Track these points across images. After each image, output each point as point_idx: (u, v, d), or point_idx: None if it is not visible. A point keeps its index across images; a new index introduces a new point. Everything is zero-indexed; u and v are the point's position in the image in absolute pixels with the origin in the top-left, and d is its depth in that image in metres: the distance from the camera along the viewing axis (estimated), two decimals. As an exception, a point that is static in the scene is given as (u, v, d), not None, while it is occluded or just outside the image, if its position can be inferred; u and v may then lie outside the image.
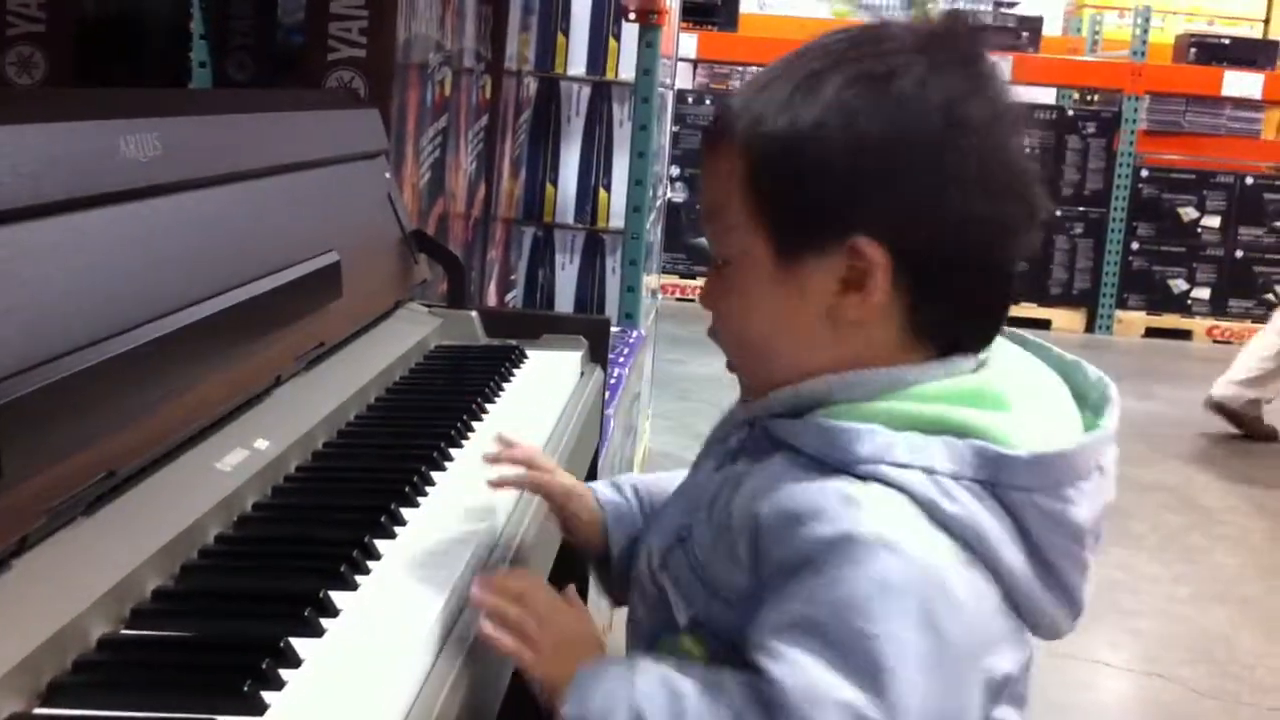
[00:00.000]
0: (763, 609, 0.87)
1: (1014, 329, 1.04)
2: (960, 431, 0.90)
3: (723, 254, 0.97)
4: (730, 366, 1.01)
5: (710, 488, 0.98)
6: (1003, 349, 1.00)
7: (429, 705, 0.86)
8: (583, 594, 1.10)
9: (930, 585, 0.84)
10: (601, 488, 1.16)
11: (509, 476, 1.16)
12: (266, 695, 0.80)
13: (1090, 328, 6.99)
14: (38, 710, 0.77)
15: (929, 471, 0.88)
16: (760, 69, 0.99)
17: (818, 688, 0.82)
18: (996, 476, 0.89)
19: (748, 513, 0.91)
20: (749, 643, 0.87)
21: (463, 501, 1.18)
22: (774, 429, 0.96)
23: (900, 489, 0.88)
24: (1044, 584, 0.92)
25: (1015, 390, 0.94)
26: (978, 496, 0.88)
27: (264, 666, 0.81)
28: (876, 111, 0.90)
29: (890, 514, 0.87)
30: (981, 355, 0.97)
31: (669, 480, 1.12)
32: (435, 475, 1.23)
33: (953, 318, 0.95)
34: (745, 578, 0.91)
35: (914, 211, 0.91)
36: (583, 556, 1.18)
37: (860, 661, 0.82)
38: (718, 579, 0.93)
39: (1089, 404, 1.02)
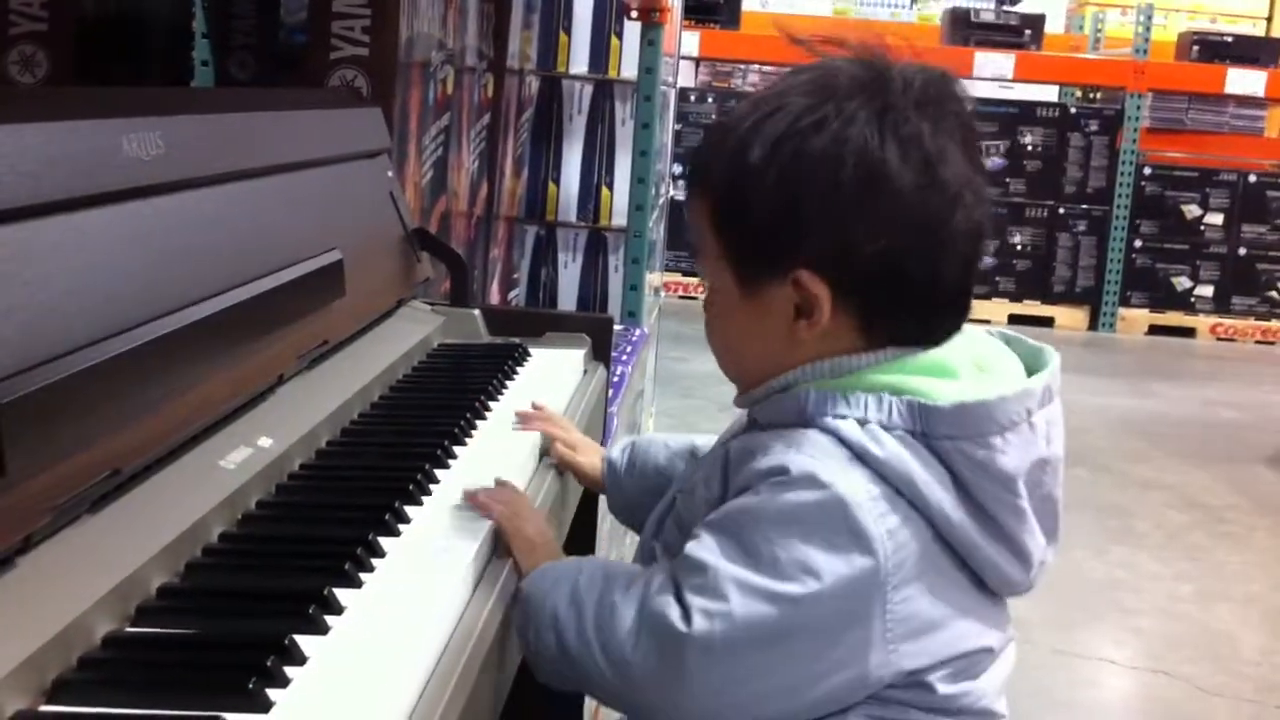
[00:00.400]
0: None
1: (984, 326, 1.15)
2: (897, 392, 1.02)
3: (705, 278, 1.11)
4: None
5: (705, 462, 1.15)
6: (969, 335, 1.09)
7: (434, 702, 0.86)
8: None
9: (839, 510, 0.97)
10: (613, 451, 1.38)
11: (533, 425, 1.40)
12: (271, 693, 0.80)
13: (1093, 325, 6.98)
14: (43, 708, 0.77)
15: (862, 422, 1.01)
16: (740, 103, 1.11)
17: (719, 566, 0.98)
18: (925, 427, 1.01)
19: (720, 456, 1.08)
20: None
21: (466, 499, 1.18)
22: (753, 413, 1.11)
23: (834, 434, 1.01)
24: (983, 530, 1.02)
25: (965, 364, 1.05)
26: (907, 446, 1.00)
27: (269, 664, 0.81)
28: (808, 159, 1.02)
29: (818, 452, 1.00)
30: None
31: (679, 440, 1.34)
32: (439, 473, 1.23)
33: (908, 322, 1.05)
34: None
35: (846, 247, 1.02)
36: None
37: (762, 558, 0.97)
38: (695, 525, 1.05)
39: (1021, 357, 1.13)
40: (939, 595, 1.00)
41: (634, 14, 3.35)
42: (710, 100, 7.27)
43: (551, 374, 1.67)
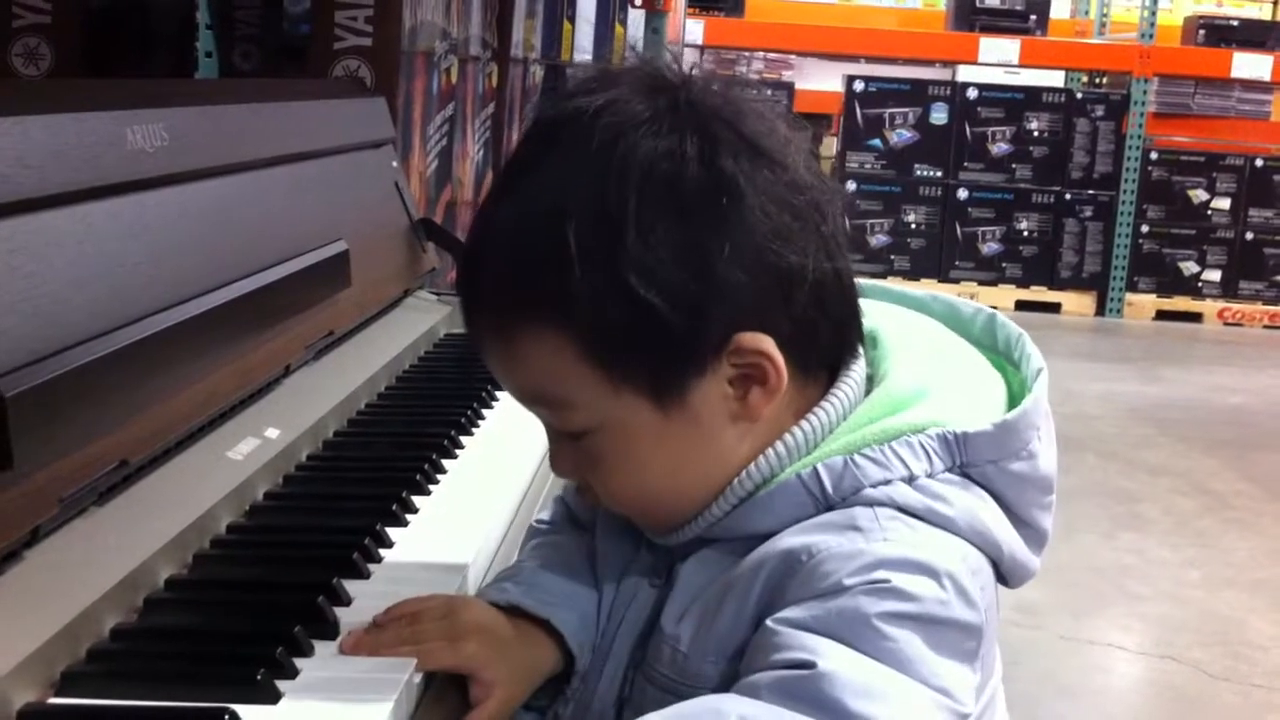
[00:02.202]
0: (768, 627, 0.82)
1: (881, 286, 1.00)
2: (918, 429, 0.86)
3: (573, 429, 0.87)
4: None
5: (647, 600, 0.92)
6: (884, 331, 0.95)
7: (441, 693, 0.86)
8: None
9: (957, 595, 0.81)
10: (537, 601, 0.93)
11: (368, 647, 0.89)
12: (280, 684, 0.80)
13: (1100, 311, 6.97)
14: (51, 700, 0.77)
15: (909, 480, 0.85)
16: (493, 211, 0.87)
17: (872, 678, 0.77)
18: (965, 457, 0.86)
19: (735, 586, 0.85)
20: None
21: (473, 489, 1.18)
22: (726, 531, 0.88)
23: (889, 505, 0.84)
24: (1025, 541, 0.90)
25: (920, 373, 0.91)
26: (962, 486, 0.86)
27: (277, 655, 0.81)
28: (694, 207, 0.83)
29: (893, 534, 0.82)
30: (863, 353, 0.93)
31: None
32: (446, 463, 1.23)
33: (826, 344, 0.89)
34: (725, 661, 0.85)
35: (771, 280, 0.84)
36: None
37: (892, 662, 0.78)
38: (689, 670, 0.86)
39: (986, 343, 0.98)
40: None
41: (638, 2, 3.35)
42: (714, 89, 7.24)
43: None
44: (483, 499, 1.15)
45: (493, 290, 0.86)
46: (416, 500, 1.13)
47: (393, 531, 1.05)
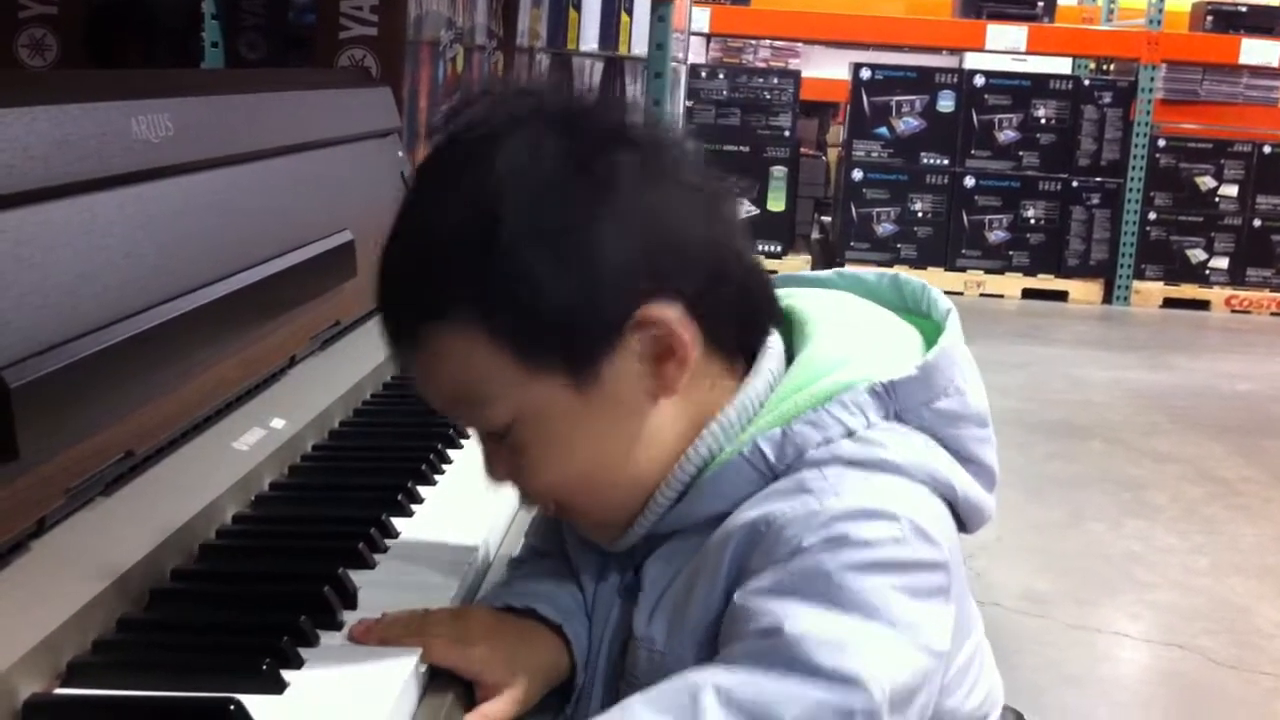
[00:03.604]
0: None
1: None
2: (846, 388, 0.88)
3: (497, 425, 0.88)
4: (555, 513, 0.93)
5: (619, 613, 0.92)
6: (797, 308, 0.96)
7: (445, 683, 0.86)
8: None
9: (915, 535, 0.83)
10: (537, 597, 0.94)
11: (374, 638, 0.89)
12: (286, 674, 0.80)
13: (1108, 299, 6.95)
14: (58, 690, 0.78)
15: (849, 434, 0.86)
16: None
17: (837, 633, 0.79)
18: (899, 404, 0.88)
19: (706, 559, 0.86)
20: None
21: (478, 479, 1.18)
22: (678, 521, 0.89)
23: (837, 462, 0.85)
24: (976, 479, 0.92)
25: (839, 338, 0.92)
26: (902, 433, 0.88)
27: (282, 645, 0.81)
28: (576, 181, 0.85)
29: (845, 486, 0.84)
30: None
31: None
32: (451, 453, 1.23)
33: (740, 319, 0.91)
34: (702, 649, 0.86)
35: (669, 246, 0.86)
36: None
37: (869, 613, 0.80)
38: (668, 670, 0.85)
39: (895, 303, 1.00)
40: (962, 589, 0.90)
41: (644, -10, 3.34)
42: (721, 76, 7.25)
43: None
44: (487, 490, 1.15)
45: (402, 299, 0.88)
46: (422, 490, 1.13)
47: (398, 522, 1.05)
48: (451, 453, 1.23)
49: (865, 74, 6.95)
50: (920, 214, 6.95)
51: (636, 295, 0.85)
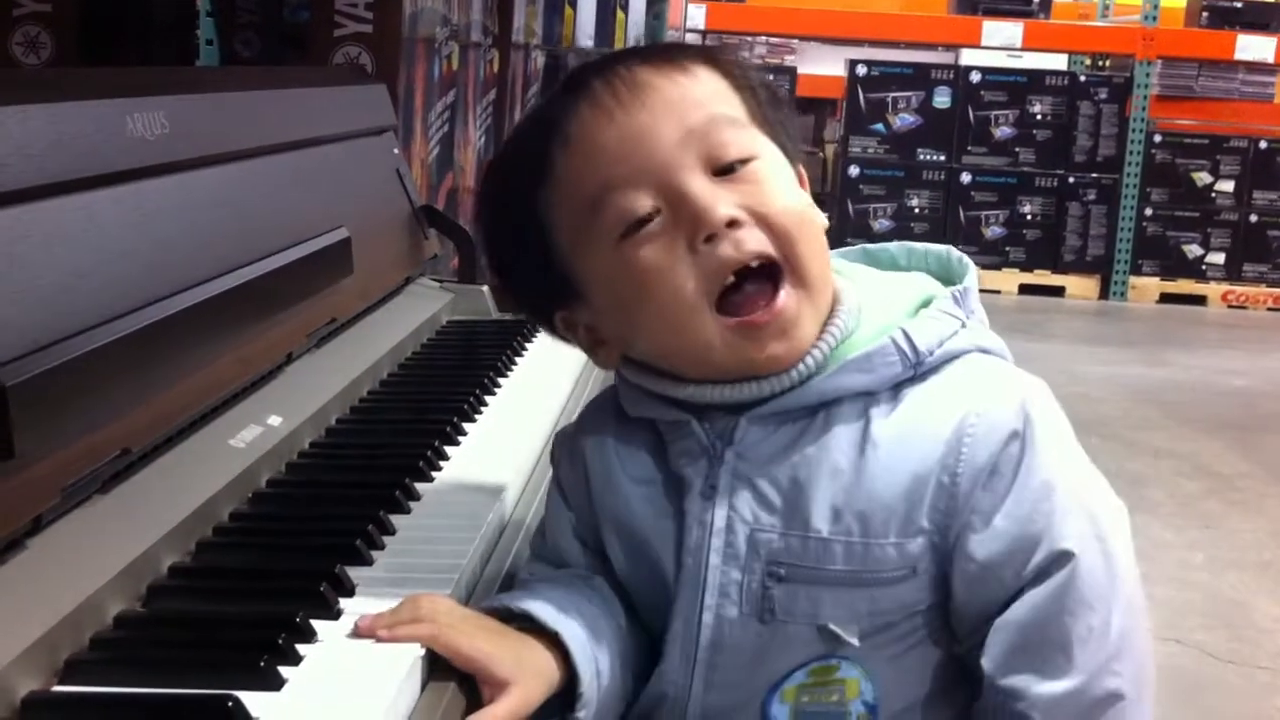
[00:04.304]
0: (980, 524, 0.91)
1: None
2: (928, 296, 0.99)
3: (738, 154, 0.93)
4: (768, 261, 0.92)
5: (743, 519, 0.94)
6: None
7: (444, 681, 0.86)
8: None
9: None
10: (543, 607, 0.92)
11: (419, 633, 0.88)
12: (283, 670, 0.80)
13: (1104, 294, 6.96)
14: (55, 688, 0.78)
15: (964, 326, 0.97)
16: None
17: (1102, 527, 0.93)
18: (968, 306, 0.99)
19: (899, 470, 0.92)
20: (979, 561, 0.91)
21: (476, 476, 1.18)
22: (821, 393, 0.93)
23: (980, 350, 0.97)
24: None
25: (880, 274, 1.05)
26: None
27: (280, 642, 0.81)
28: None
29: (1003, 366, 0.97)
30: None
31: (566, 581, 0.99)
32: (449, 450, 1.23)
33: None
34: (917, 537, 0.92)
35: None
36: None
37: (1098, 483, 0.96)
38: (873, 556, 0.92)
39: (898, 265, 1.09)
40: None
41: (639, -13, 3.34)
42: (717, 73, 7.23)
43: (560, 350, 1.67)
44: (485, 485, 1.15)
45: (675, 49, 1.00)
46: (419, 487, 1.13)
47: (395, 519, 1.05)
48: (449, 450, 1.23)
49: (861, 70, 6.95)
50: (917, 210, 6.95)
51: None
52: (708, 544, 0.94)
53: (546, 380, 1.52)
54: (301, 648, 0.83)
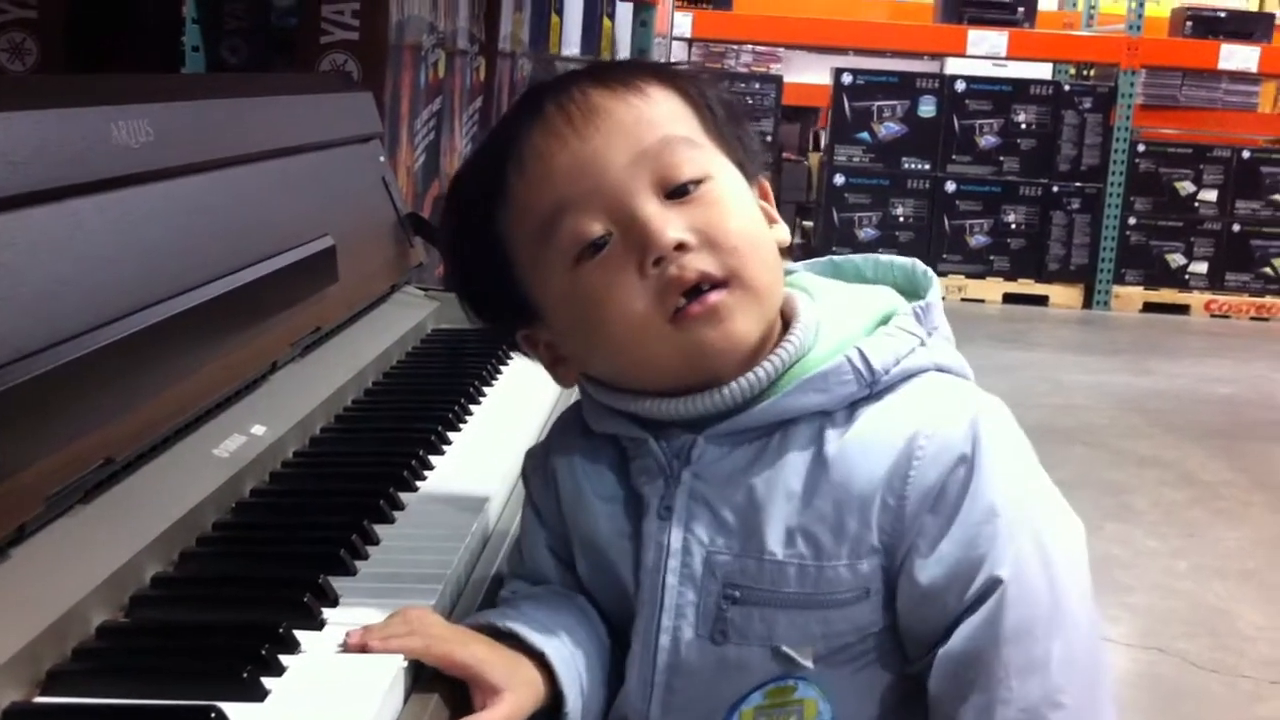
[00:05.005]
0: (925, 548, 0.90)
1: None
2: (889, 313, 0.98)
3: (691, 175, 0.93)
4: (716, 284, 0.91)
5: (699, 540, 0.94)
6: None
7: (428, 693, 0.86)
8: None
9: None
10: (530, 626, 0.92)
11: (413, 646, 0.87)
12: (267, 681, 0.80)
13: (1088, 303, 6.98)
14: (37, 699, 0.77)
15: (922, 344, 0.96)
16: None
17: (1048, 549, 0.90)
18: (930, 322, 0.98)
19: (848, 488, 0.91)
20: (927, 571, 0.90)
21: (460, 485, 1.18)
22: (772, 413, 0.93)
23: (937, 368, 0.96)
24: None
25: (843, 287, 1.04)
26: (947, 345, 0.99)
27: (264, 653, 0.81)
28: None
29: (957, 385, 0.96)
30: None
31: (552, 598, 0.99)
32: (433, 459, 1.23)
33: None
34: (869, 557, 0.91)
35: None
36: None
37: (1061, 510, 0.94)
38: (825, 578, 0.91)
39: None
40: None
41: (626, -5, 3.34)
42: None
43: (546, 358, 1.67)
44: (469, 495, 1.15)
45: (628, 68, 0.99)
46: (404, 496, 1.13)
47: (380, 528, 1.05)
48: (434, 459, 1.23)
49: (847, 79, 6.96)
50: (902, 218, 6.96)
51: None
52: (664, 565, 0.94)
53: (532, 389, 1.51)
54: (285, 658, 0.83)
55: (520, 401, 1.46)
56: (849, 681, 0.93)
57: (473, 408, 1.41)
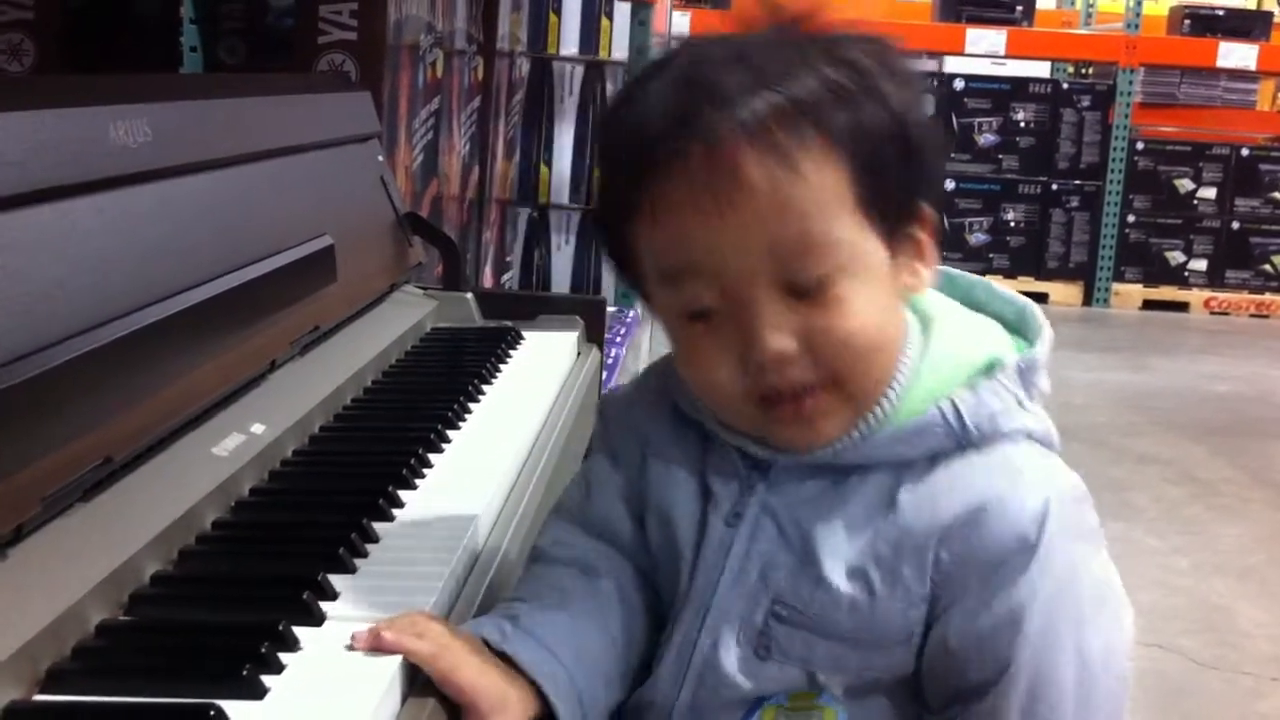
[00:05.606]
0: (964, 612, 0.90)
1: None
2: (993, 363, 0.94)
3: (820, 272, 0.87)
4: (806, 393, 0.89)
5: (761, 551, 0.94)
6: None
7: (427, 689, 0.86)
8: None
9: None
10: (530, 652, 0.92)
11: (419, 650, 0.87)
12: (266, 679, 0.80)
13: (1088, 301, 6.98)
14: (37, 697, 0.77)
15: (1019, 405, 0.93)
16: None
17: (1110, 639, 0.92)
18: (1031, 380, 0.95)
19: (909, 533, 0.91)
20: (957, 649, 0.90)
21: (459, 484, 1.18)
22: (864, 457, 0.92)
23: (1028, 436, 0.93)
24: None
25: (960, 315, 1.00)
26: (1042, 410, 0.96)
27: (263, 651, 0.81)
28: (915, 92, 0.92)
29: (1044, 464, 0.93)
30: None
31: (566, 609, 0.97)
32: (432, 458, 1.23)
33: None
34: (917, 606, 0.91)
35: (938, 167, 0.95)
36: None
37: (1111, 604, 0.93)
38: (876, 624, 0.92)
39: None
40: None
41: (624, -6, 3.34)
42: (702, 80, 7.23)
43: (544, 357, 1.67)
44: (469, 494, 1.15)
45: (791, 122, 0.87)
46: (403, 495, 1.13)
47: (379, 526, 1.05)
48: (433, 458, 1.23)
49: (845, 78, 6.95)
50: (901, 217, 6.96)
51: (927, 194, 0.93)
52: (722, 566, 0.95)
53: (531, 387, 1.52)
54: (284, 656, 0.83)
55: (520, 400, 1.46)
56: (871, 706, 0.94)
57: (472, 406, 1.41)
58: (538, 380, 1.55)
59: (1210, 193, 7.02)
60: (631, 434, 1.03)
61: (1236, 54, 7.02)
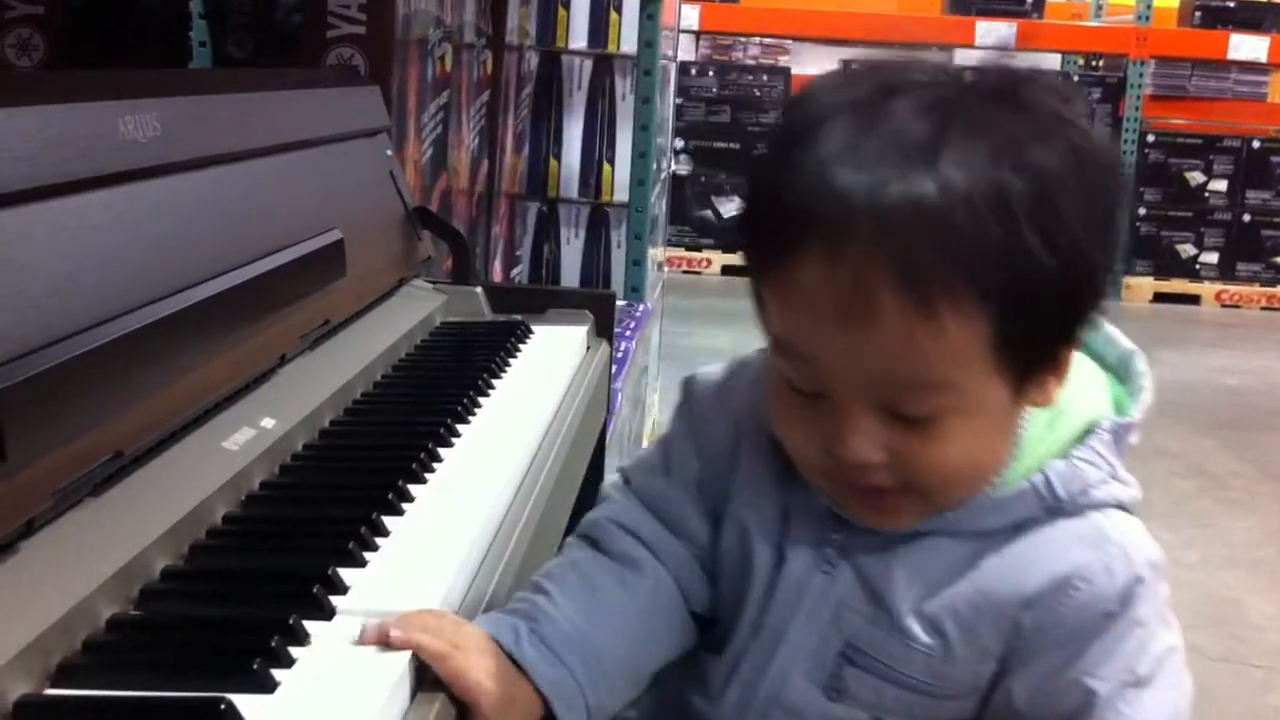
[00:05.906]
0: (1036, 674, 0.91)
1: None
2: (1091, 426, 0.93)
3: (928, 410, 0.83)
4: (888, 492, 0.87)
5: (837, 593, 0.94)
6: None
7: (436, 685, 0.86)
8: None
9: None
10: (539, 661, 0.91)
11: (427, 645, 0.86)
12: (276, 673, 0.80)
13: (1098, 294, 6.96)
14: (48, 691, 0.77)
15: (1113, 475, 0.92)
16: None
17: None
18: (1118, 443, 0.94)
19: (990, 597, 0.91)
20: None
21: (469, 477, 1.18)
22: (948, 526, 0.92)
23: (1113, 507, 0.92)
24: None
25: None
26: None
27: (273, 645, 0.81)
28: (1093, 188, 0.83)
29: (1130, 540, 0.92)
30: None
31: (591, 615, 0.95)
32: (442, 451, 1.23)
33: None
34: (989, 661, 0.92)
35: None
36: None
37: (1176, 671, 0.95)
38: (949, 675, 0.92)
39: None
40: None
41: (633, -13, 3.34)
42: (711, 74, 7.24)
43: (554, 350, 1.67)
44: (479, 488, 1.15)
45: (914, 260, 0.77)
46: (413, 489, 1.13)
47: (389, 520, 1.05)
48: (443, 452, 1.23)
49: (855, 71, 6.94)
50: (910, 210, 6.95)
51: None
52: (797, 602, 0.95)
53: (541, 381, 1.52)
54: (295, 650, 0.83)
55: (530, 394, 1.46)
56: None
57: (482, 400, 1.41)
58: (547, 374, 1.55)
59: (1221, 185, 7.00)
60: (727, 433, 1.01)
61: (1247, 46, 7.00)
